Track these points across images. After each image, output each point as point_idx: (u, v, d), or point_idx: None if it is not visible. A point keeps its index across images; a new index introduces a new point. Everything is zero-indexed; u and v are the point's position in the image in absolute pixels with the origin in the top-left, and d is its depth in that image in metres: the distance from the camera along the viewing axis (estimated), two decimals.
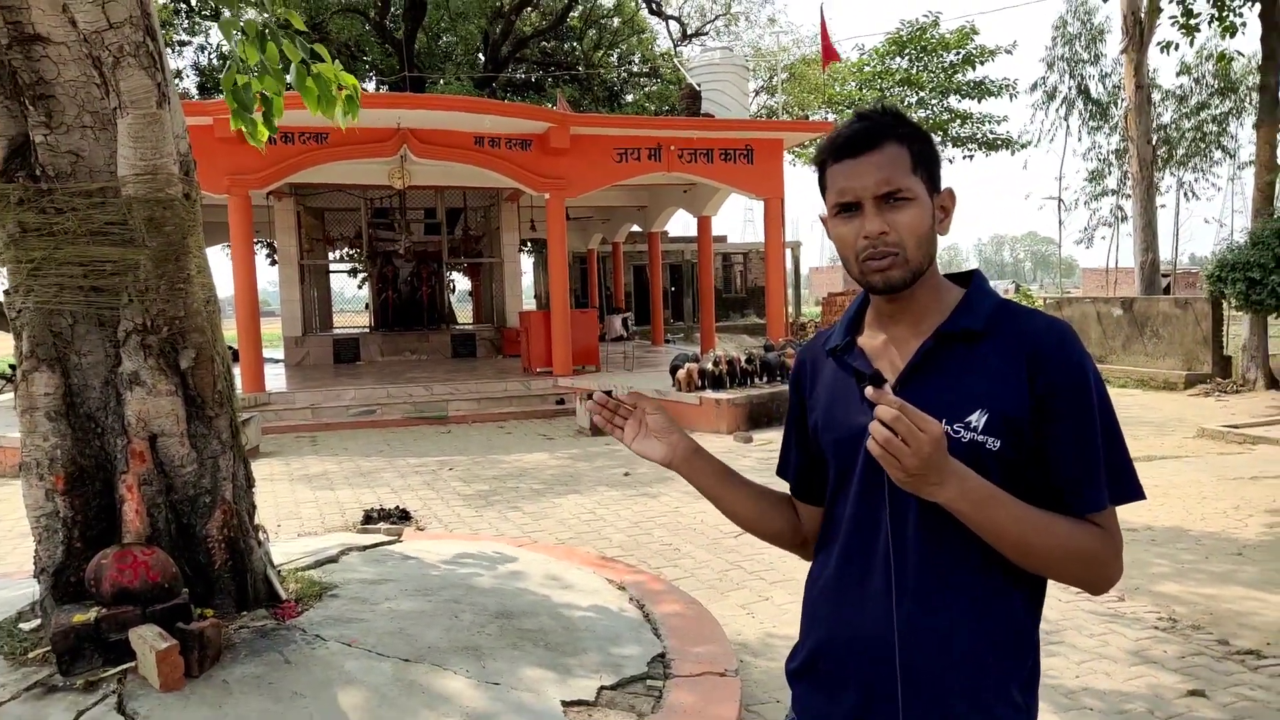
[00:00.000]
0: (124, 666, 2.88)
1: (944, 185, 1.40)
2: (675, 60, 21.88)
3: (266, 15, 4.52)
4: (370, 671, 3.03)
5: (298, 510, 7.27)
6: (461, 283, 27.89)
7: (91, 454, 3.29)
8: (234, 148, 11.82)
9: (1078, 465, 1.29)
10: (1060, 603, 4.84)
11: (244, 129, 4.72)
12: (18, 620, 3.32)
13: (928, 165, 1.35)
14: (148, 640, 2.81)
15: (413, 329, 18.82)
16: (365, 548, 4.55)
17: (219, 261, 24.92)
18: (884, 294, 1.35)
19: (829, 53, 15.53)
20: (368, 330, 19.36)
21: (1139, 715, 3.57)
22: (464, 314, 29.03)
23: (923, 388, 1.34)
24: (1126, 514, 6.50)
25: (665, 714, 3.03)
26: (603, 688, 3.15)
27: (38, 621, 3.24)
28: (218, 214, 14.61)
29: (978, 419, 1.28)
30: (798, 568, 5.40)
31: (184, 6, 22.52)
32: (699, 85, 14.89)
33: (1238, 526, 6.23)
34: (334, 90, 4.87)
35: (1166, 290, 19.65)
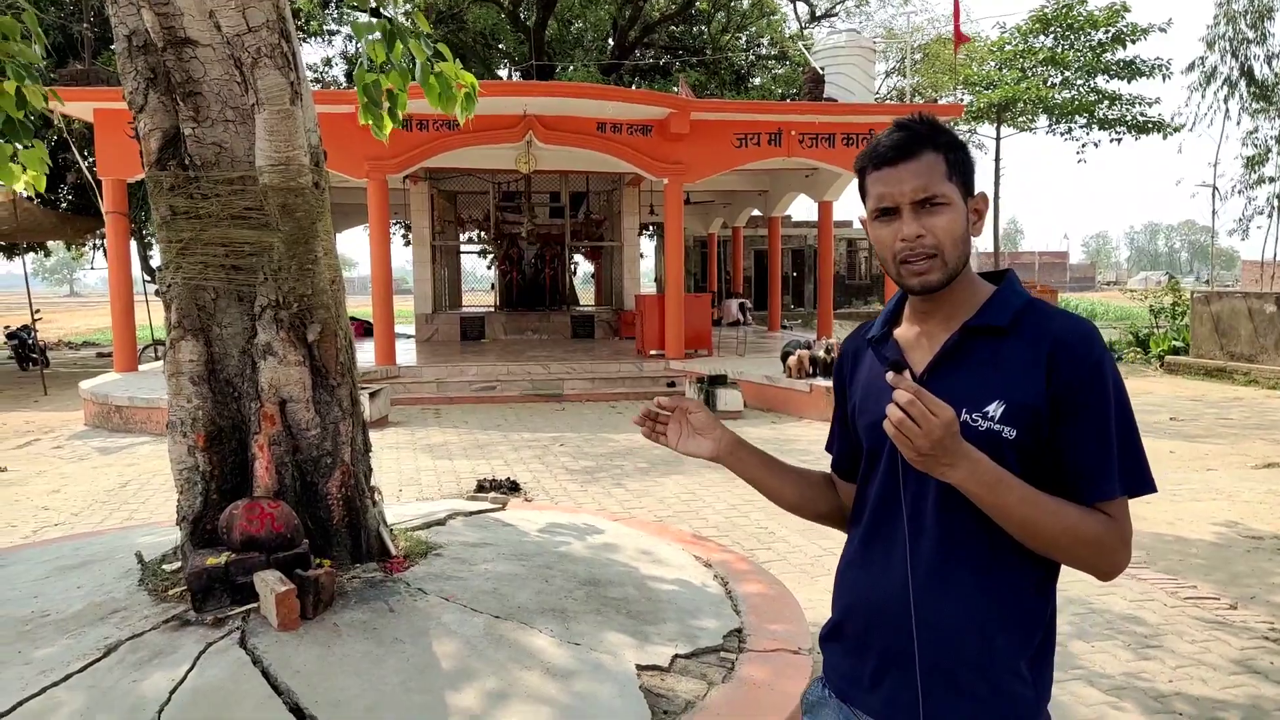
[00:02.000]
0: (248, 606, 3.22)
1: (977, 189, 1.49)
2: (798, 44, 21.55)
3: (393, 15, 4.83)
4: (464, 624, 3.29)
5: (418, 477, 7.73)
6: (585, 265, 28.48)
7: (229, 415, 3.66)
8: (372, 135, 12.48)
9: (1091, 456, 1.37)
10: (1165, 607, 4.69)
11: (371, 122, 5.07)
12: (162, 562, 3.74)
13: (962, 172, 1.45)
14: (269, 584, 3.15)
15: (535, 309, 19.40)
16: (470, 514, 4.85)
17: (360, 241, 26.18)
18: (920, 294, 1.46)
19: (960, 35, 15.01)
20: (492, 309, 20.07)
21: None
22: (586, 296, 29.61)
23: (946, 378, 1.44)
24: (1257, 524, 6.18)
25: (735, 684, 3.17)
26: (677, 655, 3.30)
27: (179, 564, 3.64)
28: (358, 196, 15.47)
29: (995, 409, 1.38)
30: None
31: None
32: (822, 69, 14.69)
33: None
34: (454, 87, 5.17)
35: None
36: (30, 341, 16.91)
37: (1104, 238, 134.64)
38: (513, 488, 7.12)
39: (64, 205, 20.45)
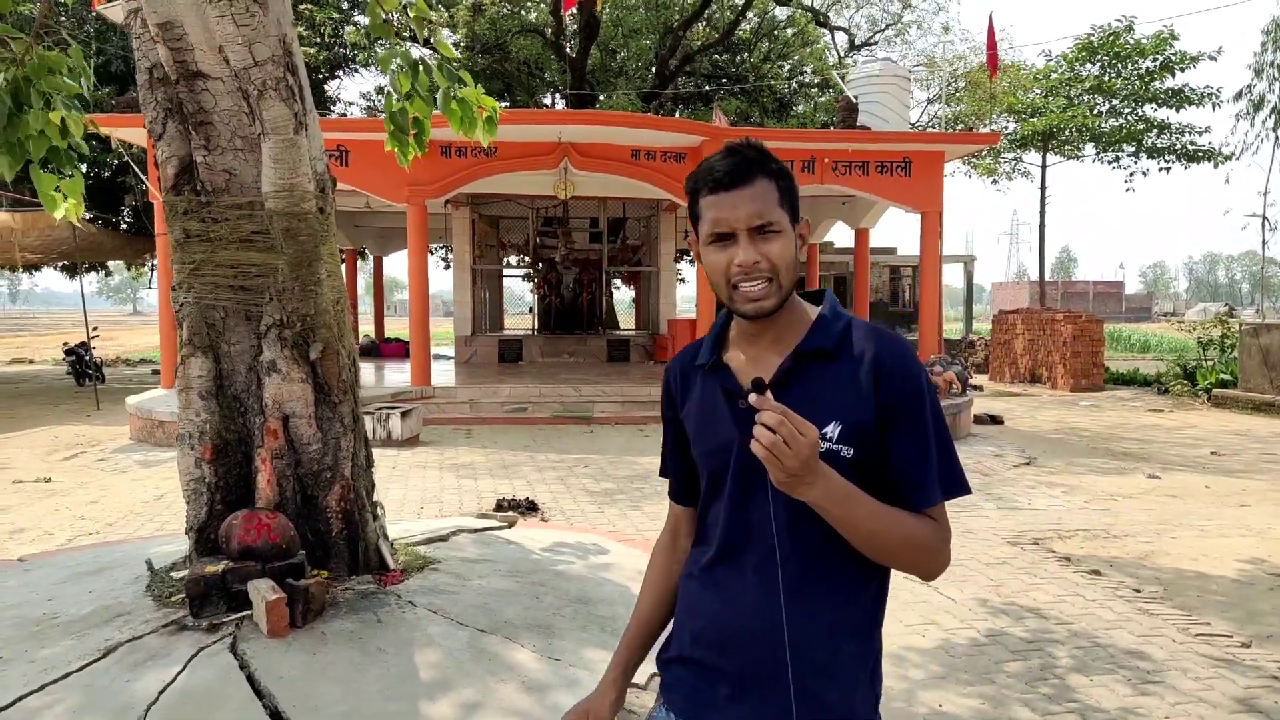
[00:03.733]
0: (243, 614, 3.35)
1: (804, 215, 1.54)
2: (831, 73, 21.61)
3: (413, 46, 5.02)
4: (448, 637, 3.37)
5: (440, 495, 7.86)
6: (627, 290, 28.66)
7: (235, 429, 3.82)
8: (414, 162, 12.80)
9: (917, 465, 1.43)
10: (1173, 643, 4.60)
11: (396, 149, 5.26)
12: (171, 570, 3.90)
13: (791, 198, 1.49)
14: (261, 591, 3.27)
15: (572, 332, 19.59)
16: (476, 531, 4.95)
17: (401, 264, 26.71)
18: (754, 319, 1.47)
19: (994, 63, 14.95)
20: (531, 332, 20.31)
21: None
22: (627, 320, 29.78)
23: (784, 402, 1.42)
24: (1278, 558, 6.01)
25: None
26: (654, 674, 3.34)
27: (185, 571, 3.79)
28: (399, 220, 15.84)
29: (833, 430, 1.41)
30: (899, 586, 5.38)
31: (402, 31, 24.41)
32: (856, 97, 14.73)
33: None
34: (475, 112, 5.34)
35: None
36: (87, 358, 17.53)
37: (1161, 267, 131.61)
38: (530, 508, 7.22)
39: (123, 226, 21.24)
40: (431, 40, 5.19)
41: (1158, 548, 6.36)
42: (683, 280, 27.09)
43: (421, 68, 4.97)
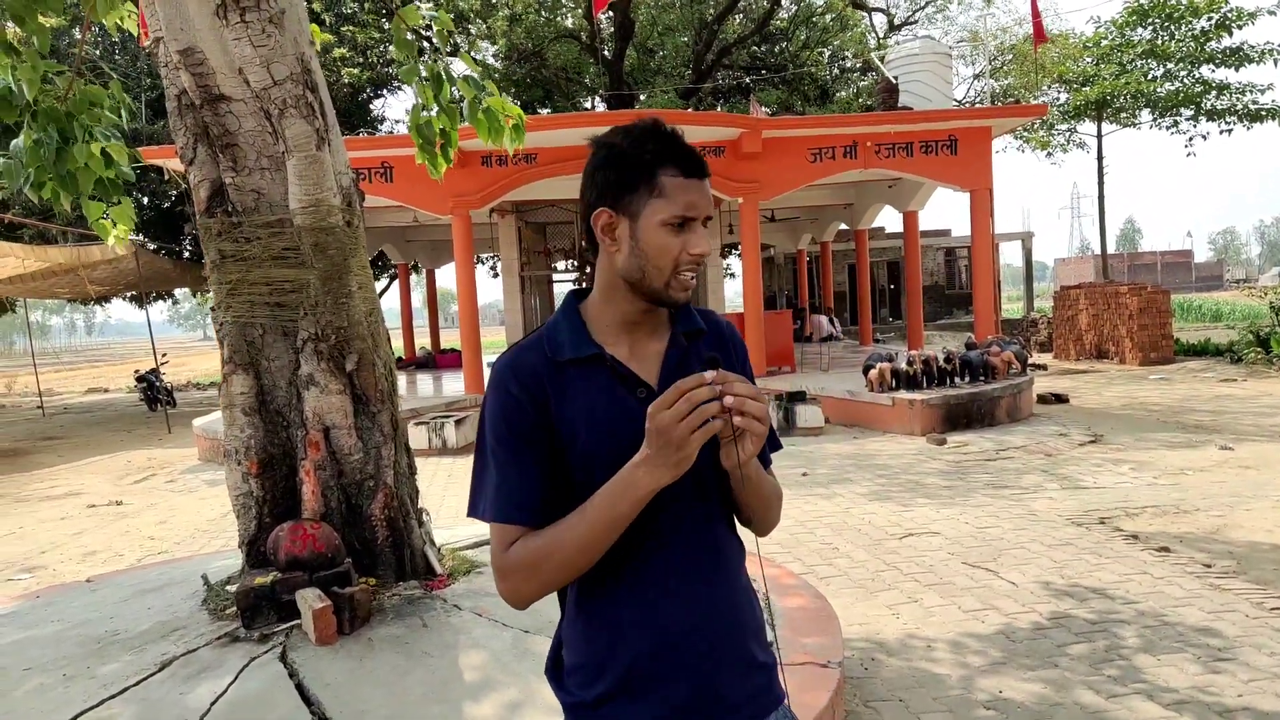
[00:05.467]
0: (293, 623, 3.41)
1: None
2: (871, 55, 21.27)
3: (444, 58, 5.06)
4: (493, 638, 3.39)
5: None
6: None
7: (279, 443, 3.89)
8: (455, 174, 12.99)
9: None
10: (1247, 619, 4.41)
11: (427, 162, 5.31)
12: (226, 583, 3.99)
13: None
14: (308, 600, 3.32)
15: None
16: None
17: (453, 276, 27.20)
18: (673, 306, 1.44)
19: (1039, 33, 14.56)
20: None
21: None
22: None
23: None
24: None
25: None
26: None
27: (238, 585, 3.88)
28: (447, 232, 16.05)
29: None
30: (957, 572, 5.26)
31: (425, 45, 24.83)
32: (896, 78, 14.46)
33: None
34: (502, 120, 5.37)
35: None
36: (157, 384, 18.13)
37: (1231, 233, 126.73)
38: None
39: (185, 254, 21.90)
40: (457, 53, 5.23)
41: (1231, 521, 6.11)
42: (731, 275, 26.97)
43: (445, 79, 5.02)
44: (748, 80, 25.28)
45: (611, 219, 1.40)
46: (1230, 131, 22.46)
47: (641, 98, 24.10)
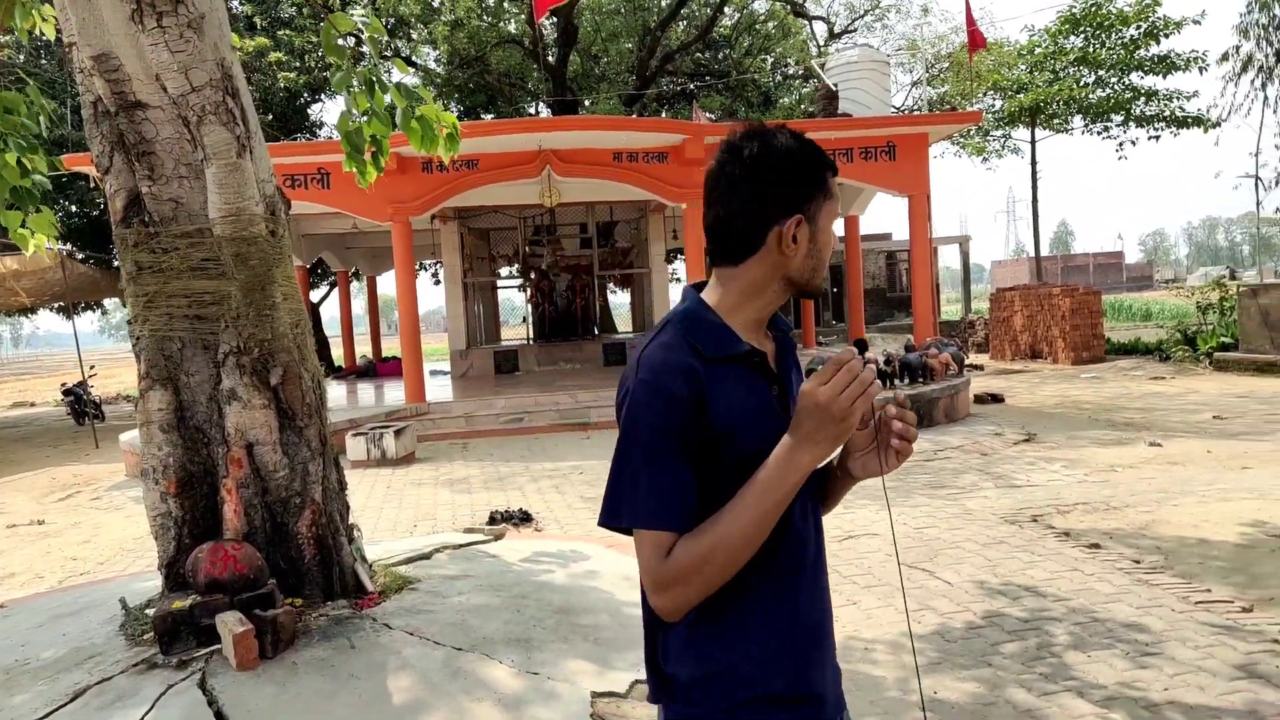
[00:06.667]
0: (213, 648, 3.29)
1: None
2: (811, 62, 21.55)
3: (370, 65, 4.97)
4: (424, 658, 3.31)
5: (435, 511, 7.81)
6: (624, 294, 28.63)
7: (199, 461, 3.77)
8: (395, 180, 12.82)
9: None
10: (1173, 613, 4.51)
11: (355, 170, 5.21)
12: (145, 607, 3.85)
13: None
14: (228, 624, 3.21)
15: (568, 339, 19.53)
16: (459, 546, 4.89)
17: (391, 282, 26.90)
18: (818, 296, 1.51)
19: (975, 40, 14.87)
20: (526, 342, 20.26)
21: None
22: (625, 324, 29.73)
23: (791, 381, 1.53)
24: None
25: None
26: (637, 681, 3.28)
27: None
28: (388, 239, 15.82)
29: None
30: (895, 574, 5.31)
31: (361, 51, 24.46)
32: (836, 85, 14.64)
33: None
34: (436, 129, 5.28)
35: None
36: (85, 397, 17.54)
37: (1161, 235, 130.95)
38: (524, 518, 7.16)
39: (116, 264, 21.25)
40: (393, 58, 5.15)
41: (1158, 517, 6.27)
42: (677, 280, 27.04)
43: (378, 86, 4.93)
44: (692, 86, 25.40)
45: (801, 224, 1.41)
46: (1159, 137, 23.18)
47: (586, 103, 24.05)
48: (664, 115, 24.87)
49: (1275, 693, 3.59)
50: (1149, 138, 23.62)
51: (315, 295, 24.17)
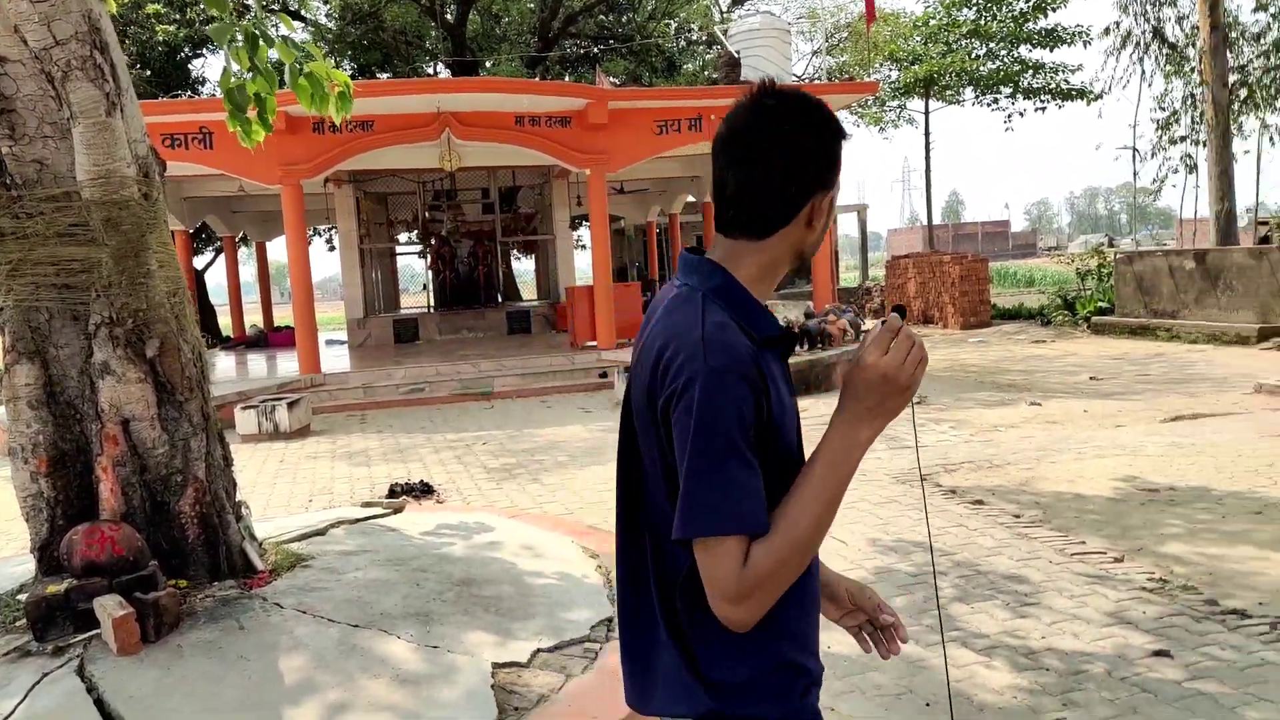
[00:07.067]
0: (91, 633, 3.14)
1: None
2: (713, 28, 21.59)
3: (254, 17, 4.71)
4: (317, 636, 3.24)
5: (331, 486, 7.62)
6: (528, 261, 28.30)
7: (72, 439, 3.56)
8: (284, 141, 12.28)
9: None
10: (1050, 565, 4.77)
11: (239, 130, 4.95)
12: (18, 591, 3.64)
13: None
14: (108, 609, 3.07)
15: (470, 307, 19.24)
16: (355, 521, 4.79)
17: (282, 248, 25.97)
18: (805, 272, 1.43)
19: (871, 11, 15.14)
20: (427, 310, 19.87)
21: (1095, 675, 3.53)
22: (530, 292, 29.46)
23: None
24: (1156, 476, 6.30)
25: (594, 674, 3.16)
26: (539, 650, 3.29)
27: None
28: (279, 203, 15.22)
29: None
30: None
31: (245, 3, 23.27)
32: (738, 52, 14.70)
33: (1266, 485, 5.99)
34: (327, 87, 5.05)
35: (1265, 240, 18.60)
36: None
37: (1045, 204, 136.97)
38: (425, 490, 7.05)
39: None
40: (281, 11, 4.90)
41: (1037, 473, 6.61)
42: (582, 247, 26.90)
43: (262, 40, 4.68)
44: (595, 50, 25.11)
45: (831, 197, 1.37)
46: (1044, 109, 24.12)
47: (487, 64, 23.51)
48: (567, 79, 24.55)
49: (1143, 637, 3.85)
50: (1035, 109, 24.60)
51: (200, 262, 23.10)
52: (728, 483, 1.18)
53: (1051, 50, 23.66)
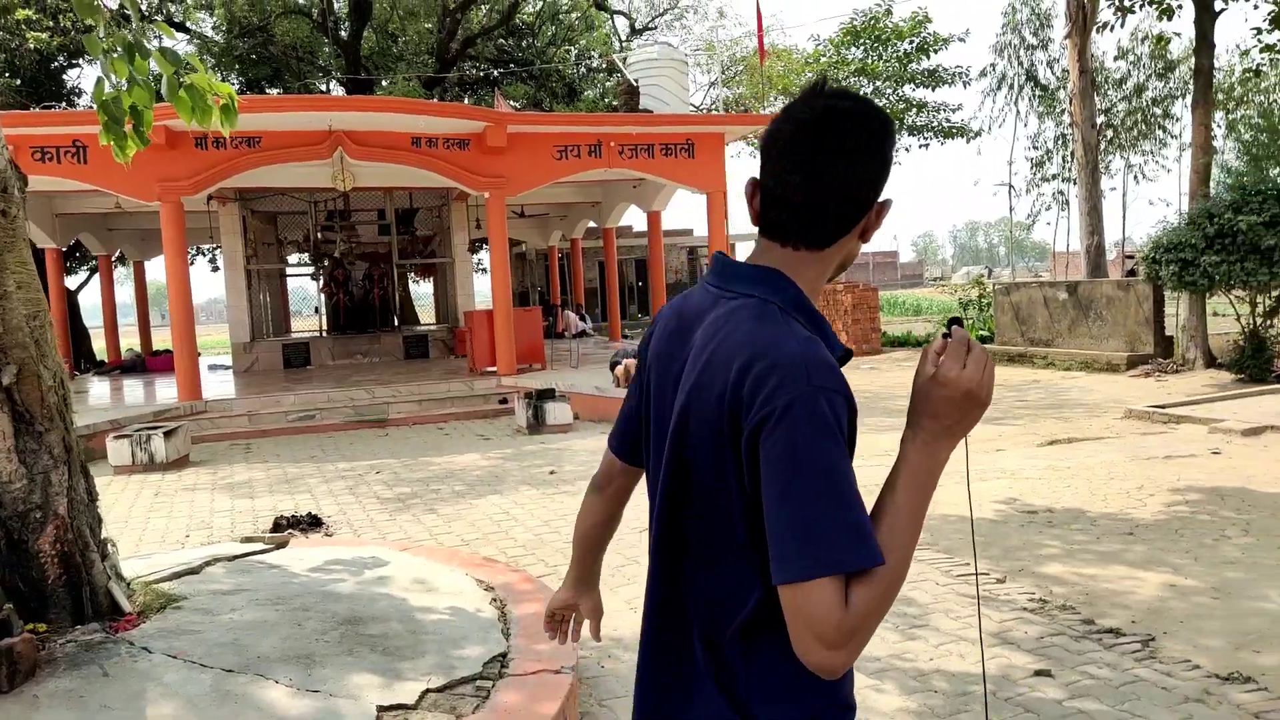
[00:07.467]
0: None
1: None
2: (613, 56, 21.85)
3: (134, 29, 4.48)
4: (188, 683, 3.03)
5: (210, 520, 7.24)
6: (425, 285, 27.80)
7: None
8: (164, 155, 11.76)
9: None
10: (937, 586, 4.90)
11: (113, 144, 4.70)
12: None
13: None
14: None
15: (365, 331, 18.74)
16: (234, 557, 4.54)
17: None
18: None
19: (762, 48, 15.60)
20: (319, 334, 19.26)
21: (981, 696, 3.62)
22: (428, 315, 28.94)
23: None
24: (1034, 498, 6.57)
25: (485, 714, 3.05)
26: (428, 690, 3.16)
27: None
28: (155, 221, 14.51)
29: None
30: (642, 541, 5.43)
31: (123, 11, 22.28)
32: (637, 81, 14.89)
33: (1136, 506, 6.31)
34: (210, 100, 4.84)
35: (1131, 273, 19.84)
36: None
37: (930, 236, 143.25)
38: (313, 523, 6.78)
39: None
40: (158, 20, 4.67)
41: None
42: (482, 270, 26.63)
43: (138, 52, 4.46)
44: (495, 73, 25.01)
45: (877, 215, 1.29)
46: (928, 146, 25.22)
47: (383, 83, 23.11)
48: (466, 101, 24.36)
49: (1024, 657, 3.97)
50: (920, 146, 25.72)
51: (73, 282, 21.85)
52: (839, 517, 1.09)
53: (934, 90, 24.84)
